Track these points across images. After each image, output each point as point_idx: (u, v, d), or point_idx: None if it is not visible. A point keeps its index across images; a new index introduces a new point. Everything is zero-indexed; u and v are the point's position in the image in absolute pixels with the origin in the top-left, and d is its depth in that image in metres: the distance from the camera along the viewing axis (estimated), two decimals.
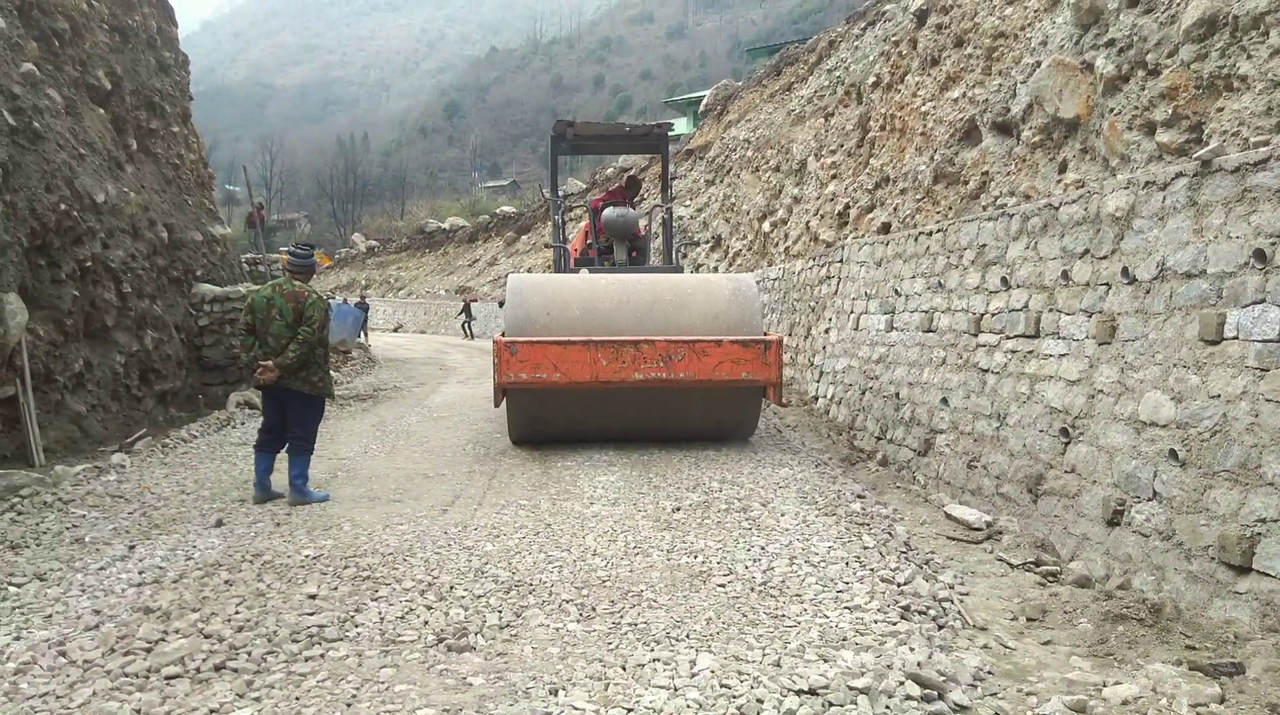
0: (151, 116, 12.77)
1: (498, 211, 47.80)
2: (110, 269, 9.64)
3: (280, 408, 6.64)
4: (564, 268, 11.05)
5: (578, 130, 11.83)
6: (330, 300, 25.33)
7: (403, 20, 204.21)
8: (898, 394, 8.02)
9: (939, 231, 7.81)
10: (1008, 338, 6.26)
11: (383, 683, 3.44)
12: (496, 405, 8.40)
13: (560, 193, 13.53)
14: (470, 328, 33.59)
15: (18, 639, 3.87)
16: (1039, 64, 7.92)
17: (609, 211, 11.02)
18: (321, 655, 3.70)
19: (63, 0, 10.32)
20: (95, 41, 11.08)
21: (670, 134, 13.16)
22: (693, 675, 3.45)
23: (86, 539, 5.49)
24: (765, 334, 8.48)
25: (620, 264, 10.97)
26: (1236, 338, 4.07)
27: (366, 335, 24.92)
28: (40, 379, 8.14)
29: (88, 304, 9.20)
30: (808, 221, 14.99)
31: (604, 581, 4.59)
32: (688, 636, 3.86)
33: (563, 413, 8.41)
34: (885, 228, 11.20)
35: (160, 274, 11.16)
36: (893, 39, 12.77)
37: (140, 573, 4.76)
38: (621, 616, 4.11)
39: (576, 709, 3.19)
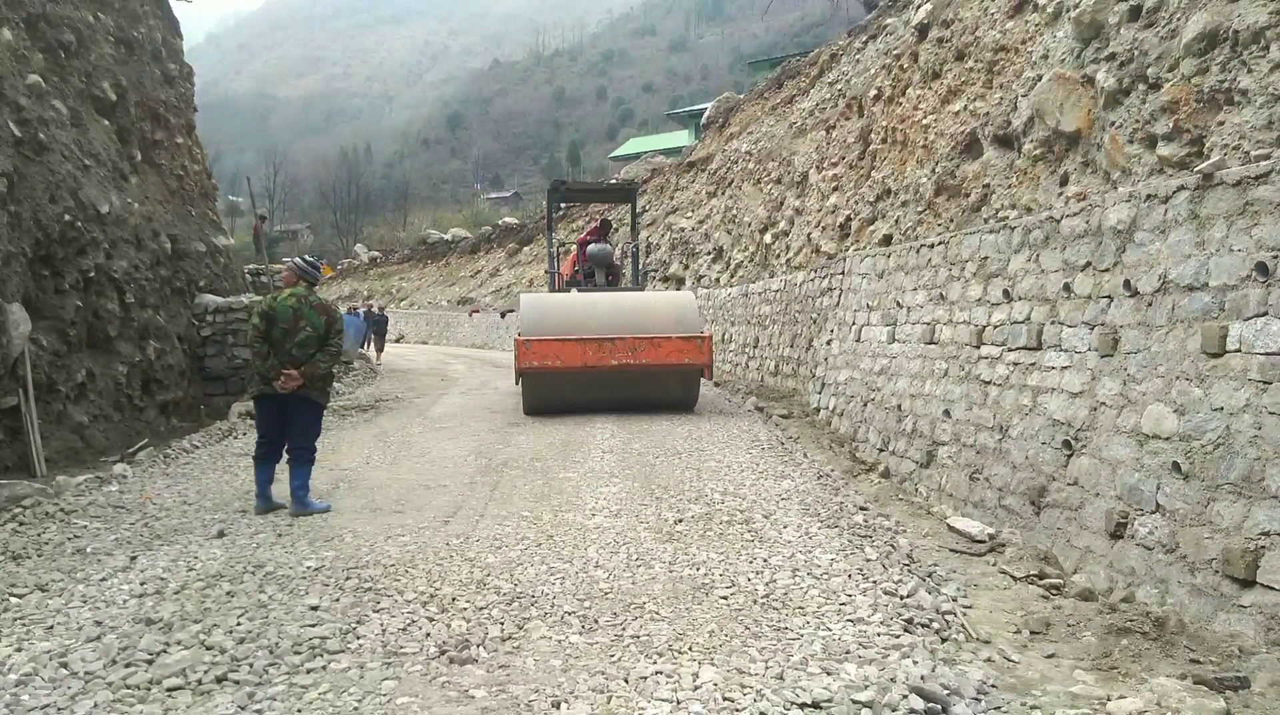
0: (156, 128, 12.84)
1: (500, 222, 47.95)
2: (113, 279, 9.67)
3: (280, 418, 6.60)
4: (556, 289, 14.73)
5: (569, 186, 17.10)
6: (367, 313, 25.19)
7: (406, 32, 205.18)
8: (899, 406, 8.02)
9: (940, 244, 7.83)
10: (1010, 350, 6.26)
11: (384, 695, 3.43)
12: (516, 383, 12.06)
13: (559, 208, 17.55)
14: (374, 346, 24.10)
15: (19, 650, 3.86)
16: (1040, 77, 7.95)
17: (592, 246, 14.51)
18: (323, 667, 3.69)
19: (69, 13, 10.39)
20: (101, 53, 11.15)
21: (638, 187, 18.86)
22: (695, 688, 3.44)
23: (88, 550, 5.48)
24: (701, 333, 11.60)
25: (600, 285, 14.16)
26: (1239, 350, 4.07)
27: (381, 348, 24.78)
28: (43, 389, 8.15)
29: (91, 314, 9.23)
30: (809, 233, 15.01)
31: (606, 593, 4.58)
32: (690, 649, 3.84)
33: (562, 389, 11.53)
34: (887, 240, 11.21)
35: (163, 284, 11.19)
36: (894, 52, 12.83)
37: (142, 584, 4.76)
38: (624, 629, 4.10)
39: None
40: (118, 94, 11.38)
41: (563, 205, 28.25)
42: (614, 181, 35.68)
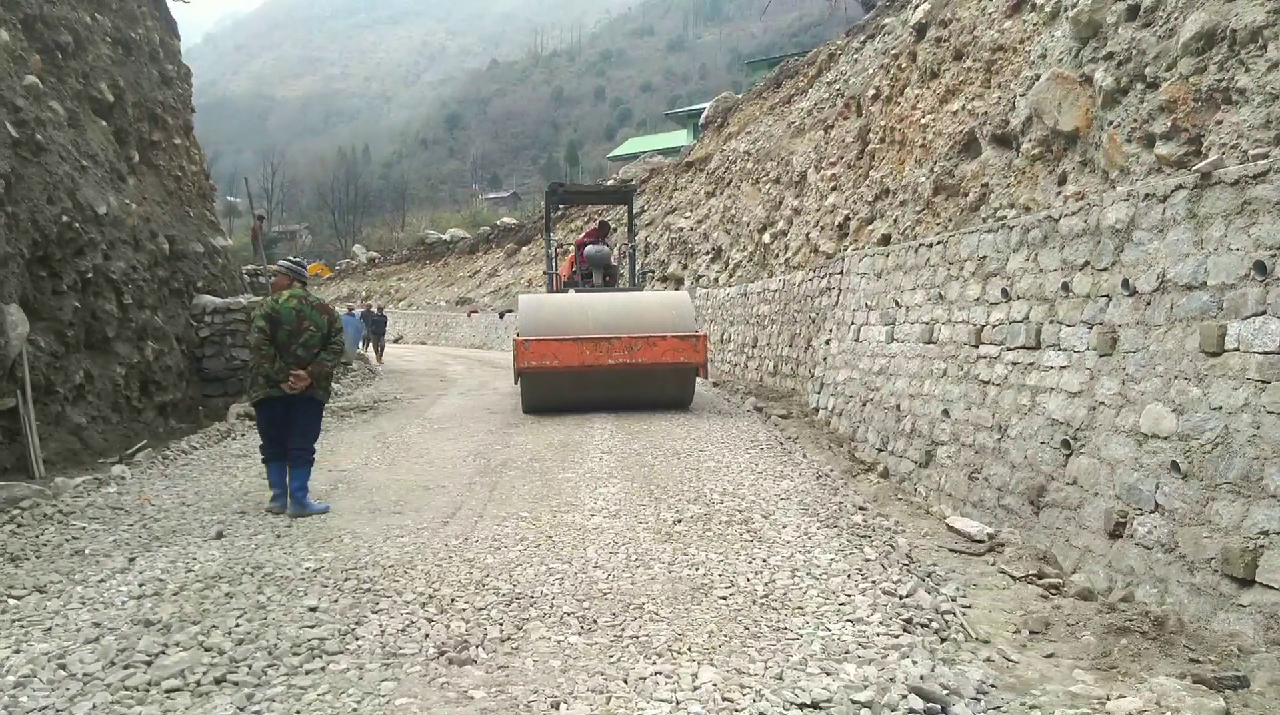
0: (153, 128, 12.83)
1: (498, 223, 47.91)
2: (111, 280, 9.66)
3: (283, 420, 6.64)
4: (554, 290, 14.92)
5: (567, 189, 17.61)
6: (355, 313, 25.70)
7: (404, 33, 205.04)
8: (898, 406, 8.02)
9: (939, 243, 7.83)
10: (1009, 349, 6.26)
11: (383, 696, 3.43)
12: (515, 383, 12.32)
13: (557, 209, 18.35)
14: (377, 347, 24.36)
15: (17, 652, 3.86)
16: (1038, 77, 7.95)
17: (590, 248, 14.84)
18: (322, 668, 3.69)
19: (66, 14, 10.38)
20: (98, 54, 11.13)
21: (635, 188, 19.79)
22: (695, 688, 3.44)
23: (86, 551, 5.48)
24: (696, 332, 11.87)
25: (597, 286, 14.43)
26: (1237, 350, 4.07)
27: (382, 348, 24.78)
28: (41, 390, 8.14)
29: (89, 315, 9.21)
30: (808, 233, 15.02)
31: (605, 594, 4.58)
32: (689, 649, 3.84)
33: (560, 387, 11.68)
34: (885, 239, 11.22)
35: (161, 285, 11.18)
36: (892, 52, 12.83)
37: (140, 585, 4.75)
38: (623, 629, 4.10)
39: None
40: (115, 95, 11.36)
41: (560, 207, 28.42)
42: (611, 182, 36.10)
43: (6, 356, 7.48)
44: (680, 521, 6.03)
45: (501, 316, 31.82)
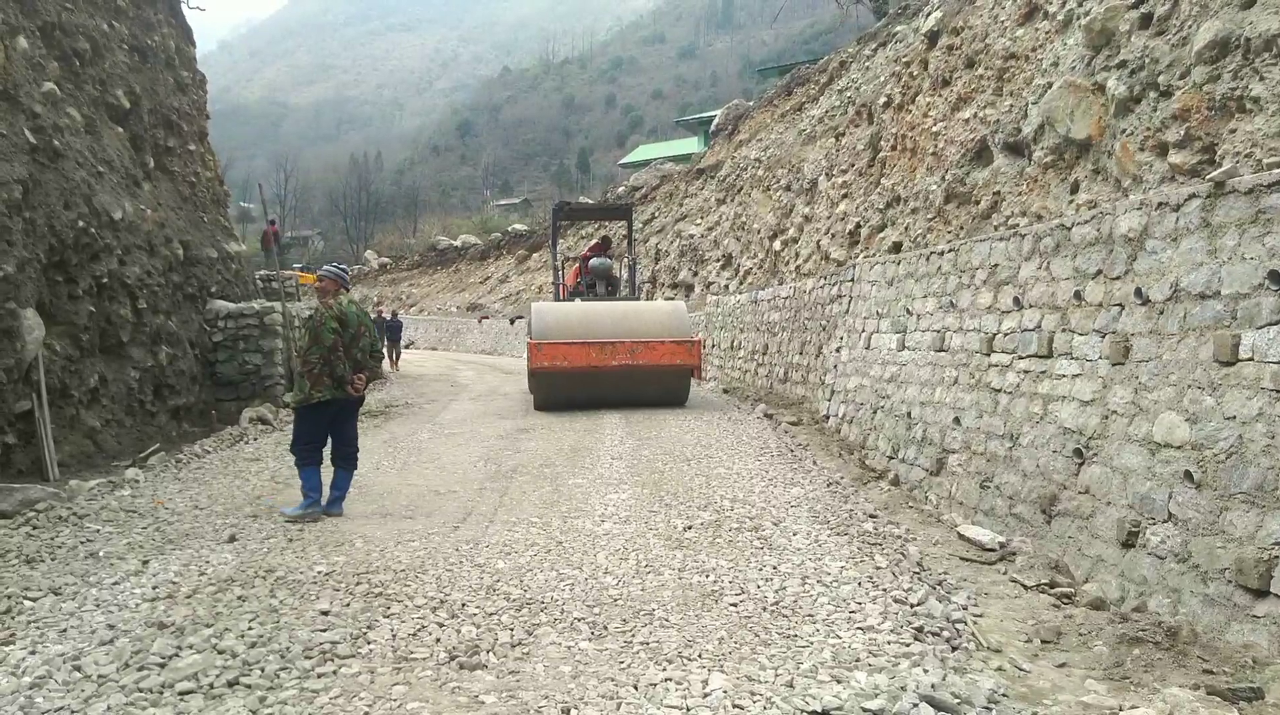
0: (169, 135, 12.93)
1: (509, 229, 48.00)
2: (126, 285, 9.73)
3: (330, 423, 6.77)
4: (560, 299, 16.09)
5: (572, 207, 19.38)
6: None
7: (417, 40, 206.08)
8: (909, 413, 8.00)
9: (951, 251, 7.82)
10: (1020, 358, 6.25)
11: (395, 700, 3.44)
12: (529, 382, 13.53)
13: (561, 222, 19.33)
14: (393, 352, 23.70)
15: (33, 653, 3.89)
16: (1050, 85, 7.95)
17: (594, 260, 16.04)
18: (334, 672, 3.70)
19: (84, 21, 10.48)
20: (115, 61, 11.24)
21: (634, 204, 22.20)
22: (705, 695, 3.44)
23: (101, 553, 5.52)
24: (691, 337, 13.03)
25: (601, 295, 15.65)
26: (1252, 359, 4.05)
27: (398, 354, 24.85)
28: (56, 394, 8.21)
29: (103, 320, 9.29)
30: (819, 240, 15.02)
31: (616, 600, 4.59)
32: (700, 656, 3.84)
33: (568, 386, 12.76)
34: (896, 247, 11.21)
35: (175, 290, 11.26)
36: (904, 60, 12.83)
37: (154, 587, 4.79)
38: (633, 635, 4.10)
39: None
40: (131, 101, 11.46)
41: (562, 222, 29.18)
42: (618, 191, 36.73)
43: (23, 360, 7.55)
44: (690, 528, 6.03)
45: (512, 322, 31.90)
